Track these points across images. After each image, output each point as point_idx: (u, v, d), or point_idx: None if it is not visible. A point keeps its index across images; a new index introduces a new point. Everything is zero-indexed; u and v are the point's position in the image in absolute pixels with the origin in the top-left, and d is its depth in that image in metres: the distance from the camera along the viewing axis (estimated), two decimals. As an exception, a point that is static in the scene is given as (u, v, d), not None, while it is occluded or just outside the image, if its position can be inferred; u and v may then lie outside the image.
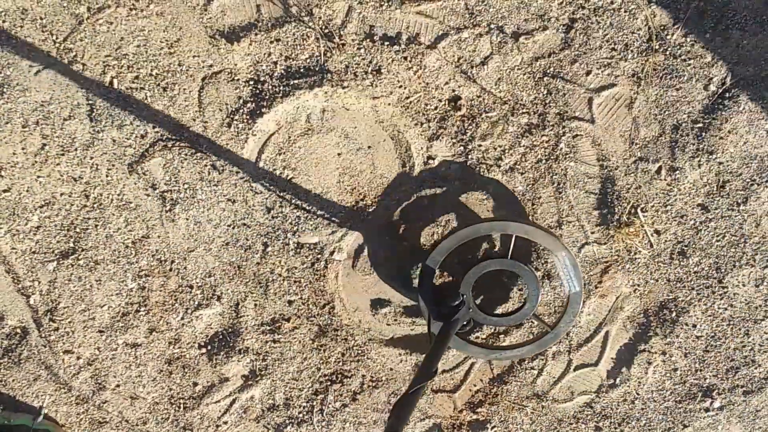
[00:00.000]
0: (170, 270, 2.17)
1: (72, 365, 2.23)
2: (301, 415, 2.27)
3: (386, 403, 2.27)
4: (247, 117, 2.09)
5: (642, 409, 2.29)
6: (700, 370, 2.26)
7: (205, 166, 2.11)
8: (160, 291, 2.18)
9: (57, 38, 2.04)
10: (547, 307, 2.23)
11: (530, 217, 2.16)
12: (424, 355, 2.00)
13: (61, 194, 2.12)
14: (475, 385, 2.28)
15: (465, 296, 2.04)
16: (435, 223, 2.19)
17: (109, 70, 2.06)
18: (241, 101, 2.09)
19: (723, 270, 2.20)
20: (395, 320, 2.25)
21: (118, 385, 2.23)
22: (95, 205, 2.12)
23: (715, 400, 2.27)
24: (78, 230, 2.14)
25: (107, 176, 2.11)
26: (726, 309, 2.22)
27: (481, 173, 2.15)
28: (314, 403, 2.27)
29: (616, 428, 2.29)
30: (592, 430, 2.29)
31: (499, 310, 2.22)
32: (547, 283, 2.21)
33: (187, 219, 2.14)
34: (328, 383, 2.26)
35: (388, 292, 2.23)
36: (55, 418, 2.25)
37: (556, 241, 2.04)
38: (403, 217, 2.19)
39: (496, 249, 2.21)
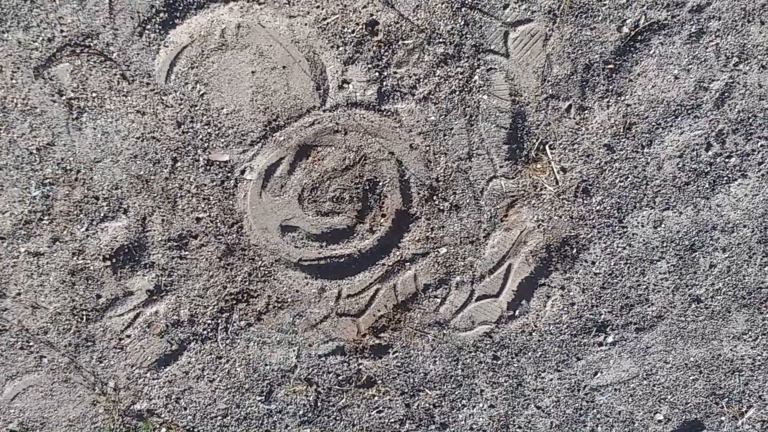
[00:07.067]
0: (76, 180, 2.14)
1: (-27, 273, 2.19)
2: (205, 332, 2.29)
3: (291, 324, 2.30)
4: (160, 27, 2.05)
5: (539, 340, 2.37)
6: (596, 306, 2.35)
7: (115, 75, 2.07)
8: (65, 200, 2.15)
9: (-40, -71, 1.95)
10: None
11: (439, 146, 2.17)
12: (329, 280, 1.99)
13: (-37, 95, 2.06)
14: (379, 311, 2.32)
15: None
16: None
17: (15, -33, 1.99)
18: (154, 10, 2.04)
19: (624, 210, 2.27)
20: (303, 243, 2.27)
21: (18, 294, 2.21)
22: (-2, 109, 2.07)
23: (608, 336, 2.37)
24: (-18, 135, 2.09)
25: (12, 79, 2.05)
26: (624, 248, 2.30)
27: (395, 101, 2.16)
28: (219, 321, 2.29)
29: (513, 358, 2.37)
30: (490, 358, 2.37)
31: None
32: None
33: (95, 129, 2.11)
34: (234, 302, 2.28)
35: (297, 214, 2.25)
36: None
37: None
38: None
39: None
